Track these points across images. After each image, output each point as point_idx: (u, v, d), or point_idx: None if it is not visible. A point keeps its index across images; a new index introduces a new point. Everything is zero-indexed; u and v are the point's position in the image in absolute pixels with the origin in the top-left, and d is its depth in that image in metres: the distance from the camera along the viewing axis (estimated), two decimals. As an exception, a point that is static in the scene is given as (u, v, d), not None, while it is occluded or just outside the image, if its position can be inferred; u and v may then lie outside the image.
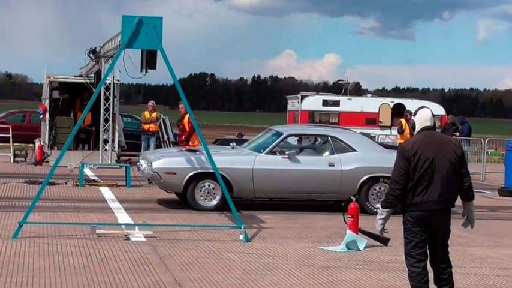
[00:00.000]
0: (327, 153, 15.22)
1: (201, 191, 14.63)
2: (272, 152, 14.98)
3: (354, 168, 14.94)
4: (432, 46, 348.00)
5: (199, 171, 14.59)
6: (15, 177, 19.41)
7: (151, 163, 14.78)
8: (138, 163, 15.92)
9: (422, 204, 7.18)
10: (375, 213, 14.60)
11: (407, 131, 24.29)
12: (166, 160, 14.89)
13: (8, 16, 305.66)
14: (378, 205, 14.80)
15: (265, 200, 15.62)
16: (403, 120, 24.93)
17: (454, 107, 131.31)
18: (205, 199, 14.66)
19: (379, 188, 15.01)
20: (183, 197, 15.07)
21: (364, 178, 14.96)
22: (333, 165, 14.93)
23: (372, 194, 15.01)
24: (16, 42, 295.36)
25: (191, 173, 14.56)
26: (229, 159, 14.82)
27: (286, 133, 15.43)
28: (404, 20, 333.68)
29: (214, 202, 14.64)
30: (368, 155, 15.17)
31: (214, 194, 14.65)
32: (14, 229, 11.10)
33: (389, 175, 14.61)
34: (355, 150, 15.15)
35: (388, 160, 15.21)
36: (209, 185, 14.63)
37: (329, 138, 15.37)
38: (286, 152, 14.95)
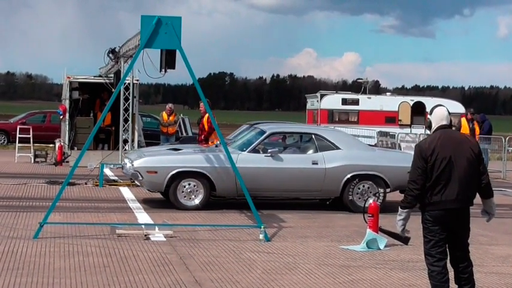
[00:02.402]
0: (310, 151, 15.12)
1: (183, 190, 14.52)
2: (255, 150, 14.83)
3: (338, 166, 14.85)
4: (452, 43, 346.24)
5: (181, 169, 14.48)
6: (35, 178, 19.53)
7: (133, 162, 14.75)
8: (123, 162, 15.80)
9: (440, 203, 7.14)
10: (359, 212, 14.69)
11: (463, 130, 24.05)
12: (148, 159, 14.77)
13: (28, 17, 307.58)
14: (363, 203, 14.89)
15: (285, 200, 15.60)
16: (463, 120, 24.76)
17: (474, 105, 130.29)
18: (188, 198, 14.53)
19: (364, 186, 14.98)
20: (166, 196, 14.98)
21: (348, 176, 14.87)
22: (316, 163, 14.83)
23: (357, 193, 14.95)
24: (36, 43, 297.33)
25: (173, 172, 14.43)
26: (210, 158, 14.70)
27: (269, 131, 15.33)
28: (424, 17, 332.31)
29: (197, 201, 14.52)
30: (352, 153, 15.11)
31: (196, 192, 14.54)
32: (35, 229, 11.16)
33: (373, 173, 14.78)
34: (339, 148, 15.07)
35: (372, 158, 15.27)
36: (191, 184, 14.53)
37: (313, 136, 15.27)
38: (269, 150, 14.83)
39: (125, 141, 21.01)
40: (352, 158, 15.02)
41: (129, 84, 21.13)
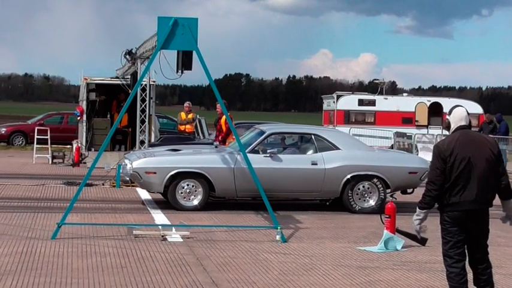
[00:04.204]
0: (310, 152, 15.07)
1: (181, 190, 14.50)
2: (254, 151, 14.69)
3: (337, 166, 14.79)
4: (470, 44, 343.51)
5: (179, 170, 14.46)
6: (53, 179, 19.61)
7: (132, 163, 14.75)
8: (123, 163, 15.79)
9: (459, 204, 7.12)
10: (359, 212, 14.66)
11: None
12: (147, 160, 14.77)
13: (46, 19, 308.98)
14: (363, 204, 14.88)
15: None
16: None
17: (492, 106, 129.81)
18: (186, 199, 14.51)
19: (364, 187, 14.94)
20: (166, 197, 14.93)
21: (348, 176, 14.82)
22: (316, 164, 14.77)
23: (357, 194, 14.92)
24: (53, 44, 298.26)
25: (172, 173, 14.42)
26: (210, 159, 14.71)
27: (268, 132, 15.30)
28: (441, 18, 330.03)
29: (196, 202, 14.50)
30: (352, 153, 15.05)
31: (195, 193, 14.52)
32: (53, 230, 11.22)
33: (373, 173, 14.74)
34: (339, 149, 15.01)
35: (372, 158, 15.20)
36: (190, 185, 14.50)
37: (312, 136, 15.20)
38: (268, 151, 14.78)
39: (142, 143, 21.04)
40: (351, 158, 14.97)
41: (145, 85, 21.17)
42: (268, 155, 14.72)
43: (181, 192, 14.51)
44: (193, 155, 15.06)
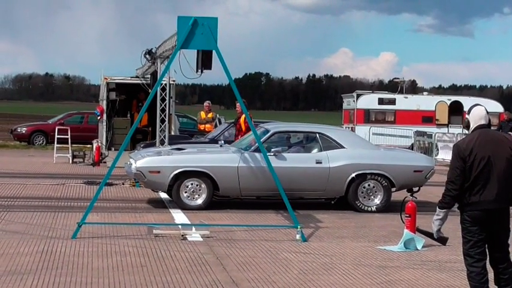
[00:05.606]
0: (314, 151, 15.02)
1: (186, 189, 14.49)
2: (258, 150, 14.42)
3: (342, 165, 14.75)
4: (491, 42, 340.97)
5: (183, 169, 14.46)
6: (73, 178, 19.70)
7: (136, 162, 14.75)
8: (127, 163, 15.84)
9: (479, 203, 7.09)
10: (365, 211, 14.61)
11: None
12: (150, 159, 14.77)
13: (66, 19, 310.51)
14: (369, 202, 14.82)
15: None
16: None
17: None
18: (191, 198, 14.50)
19: (369, 185, 14.88)
20: (171, 196, 14.92)
21: (353, 175, 14.77)
22: (320, 163, 14.73)
23: (362, 192, 14.87)
24: (74, 44, 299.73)
25: (175, 172, 14.41)
26: (214, 157, 14.72)
27: (272, 130, 15.27)
28: (463, 16, 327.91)
29: (200, 201, 14.50)
30: (356, 152, 15.00)
31: (199, 192, 14.52)
32: (73, 229, 11.27)
33: (379, 172, 14.64)
34: (344, 147, 14.97)
35: (377, 157, 15.14)
36: (194, 184, 14.49)
37: (317, 135, 15.16)
38: (272, 150, 14.71)
39: (162, 142, 21.08)
40: (356, 157, 14.93)
41: (165, 84, 21.21)
42: (272, 153, 14.64)
43: (186, 192, 14.52)
44: (197, 154, 15.07)
